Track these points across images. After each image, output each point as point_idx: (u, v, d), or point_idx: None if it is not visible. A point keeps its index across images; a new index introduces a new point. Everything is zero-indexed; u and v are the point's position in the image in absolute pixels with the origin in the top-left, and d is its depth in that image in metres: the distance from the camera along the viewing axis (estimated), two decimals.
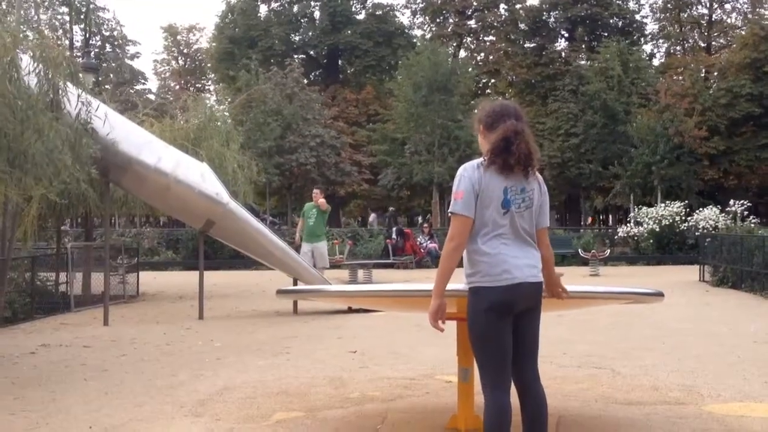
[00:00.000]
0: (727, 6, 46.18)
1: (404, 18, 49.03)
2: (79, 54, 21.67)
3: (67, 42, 28.53)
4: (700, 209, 24.12)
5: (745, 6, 45.83)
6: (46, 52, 8.21)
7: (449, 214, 3.62)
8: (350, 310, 11.19)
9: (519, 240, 3.59)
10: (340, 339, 8.96)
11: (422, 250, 24.05)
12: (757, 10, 45.04)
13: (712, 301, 13.03)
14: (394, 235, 24.16)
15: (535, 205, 3.64)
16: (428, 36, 45.74)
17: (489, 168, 3.54)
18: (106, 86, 31.41)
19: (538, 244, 3.68)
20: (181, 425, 5.10)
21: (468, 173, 3.56)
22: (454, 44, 45.87)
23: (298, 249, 13.28)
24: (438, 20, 47.54)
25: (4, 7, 9.33)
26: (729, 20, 46.75)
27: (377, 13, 45.93)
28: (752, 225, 19.53)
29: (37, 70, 7.95)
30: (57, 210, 12.62)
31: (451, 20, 46.98)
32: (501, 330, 3.52)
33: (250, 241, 11.59)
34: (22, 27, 8.75)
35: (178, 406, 5.60)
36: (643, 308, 10.28)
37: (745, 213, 21.16)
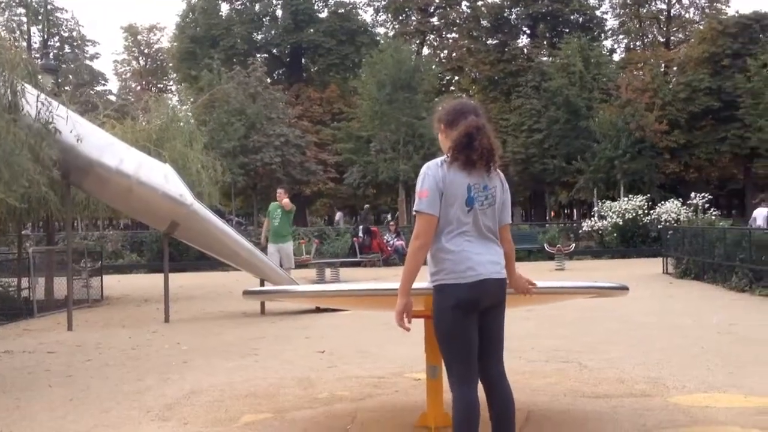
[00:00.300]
0: (685, 1, 46.95)
1: (367, 16, 49.15)
2: (37, 55, 21.34)
3: (24, 43, 28.07)
4: (662, 202, 24.44)
5: (703, 1, 46.61)
6: (3, 54, 8.06)
7: (414, 213, 3.63)
8: (318, 310, 11.15)
9: (482, 237, 3.60)
10: (308, 339, 8.93)
11: (389, 248, 24.07)
12: (715, 4, 45.83)
13: (675, 293, 13.22)
14: (360, 234, 24.15)
15: (498, 202, 3.67)
16: (391, 34, 45.81)
17: (452, 165, 3.55)
18: (66, 88, 30.95)
19: (500, 240, 3.71)
20: (148, 430, 5.04)
21: (432, 171, 3.56)
22: (417, 42, 45.99)
23: (264, 250, 13.20)
24: (401, 18, 47.64)
25: None
26: (687, 15, 47.55)
27: (340, 11, 45.86)
28: (713, 217, 19.88)
29: None
30: (17, 214, 12.40)
31: (413, 17, 47.11)
32: (467, 327, 3.53)
33: (216, 242, 11.49)
34: None
35: (144, 411, 5.53)
36: (609, 302, 10.41)
37: (706, 205, 21.51)
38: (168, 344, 8.86)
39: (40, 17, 39.14)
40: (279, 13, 45.45)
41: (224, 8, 46.42)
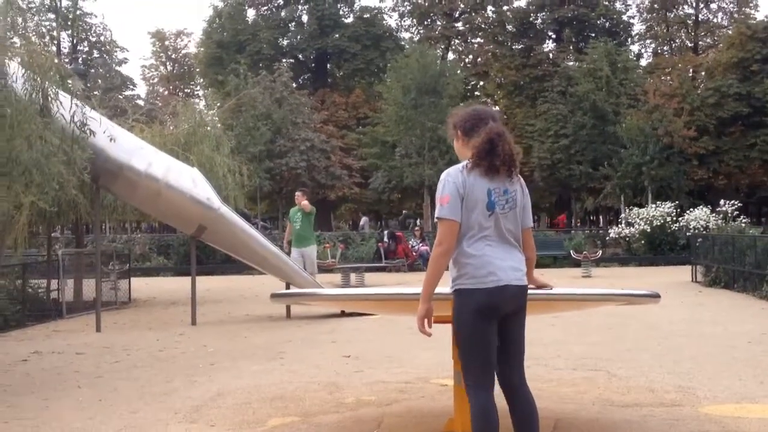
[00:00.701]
0: (713, 5, 46.47)
1: (392, 21, 49.01)
2: (66, 60, 21.59)
3: (54, 48, 28.42)
4: (691, 209, 24.17)
5: (731, 5, 46.11)
6: (34, 58, 8.17)
7: (435, 220, 3.63)
8: (343, 314, 11.15)
9: (503, 242, 3.61)
10: (334, 343, 8.93)
11: (414, 253, 24.04)
12: (743, 9, 45.32)
13: (705, 301, 13.07)
14: (386, 239, 24.14)
15: (519, 206, 3.67)
16: (416, 38, 45.79)
17: (473, 171, 3.57)
18: (95, 92, 31.34)
19: (523, 245, 3.72)
20: (176, 431, 5.07)
21: (452, 177, 3.58)
22: (442, 46, 45.95)
23: (288, 254, 13.17)
24: (426, 23, 47.63)
25: None
26: (715, 20, 47.04)
27: (365, 16, 45.96)
28: (743, 225, 19.62)
29: (25, 77, 7.91)
30: (47, 217, 12.56)
31: (438, 23, 47.09)
32: (486, 331, 3.53)
33: (242, 245, 11.54)
34: (8, 33, 8.70)
35: (172, 413, 5.56)
36: (636, 309, 10.30)
37: (736, 213, 21.24)
38: (195, 347, 8.91)
39: (69, 22, 39.62)
40: (305, 18, 45.65)
41: (250, 14, 46.73)
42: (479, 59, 46.72)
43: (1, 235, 10.75)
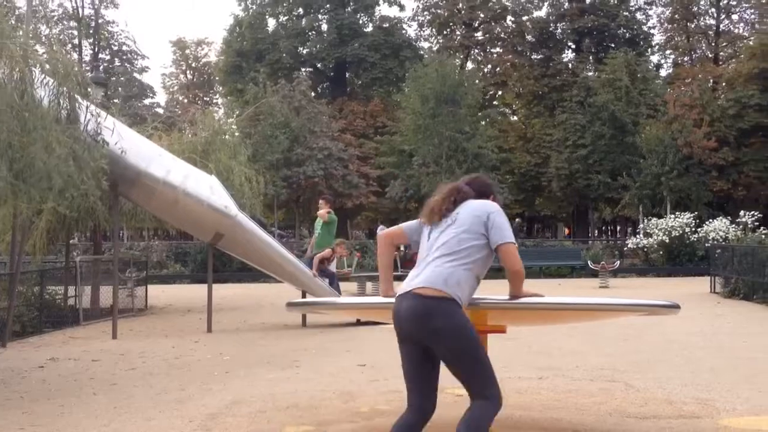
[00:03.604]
0: (735, 16, 46.16)
1: (411, 30, 48.98)
2: (87, 68, 21.79)
3: (76, 56, 28.69)
4: (710, 220, 23.98)
5: (753, 16, 45.77)
6: (59, 66, 8.22)
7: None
8: (359, 323, 11.13)
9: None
10: (349, 352, 8.91)
11: None
12: (765, 20, 44.96)
13: (724, 312, 12.93)
14: (402, 247, 24.08)
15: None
16: (435, 48, 45.79)
17: None
18: (115, 100, 31.54)
19: None
20: None
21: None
22: (462, 56, 45.89)
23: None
24: (445, 32, 47.61)
25: (14, 22, 9.34)
26: (736, 30, 46.70)
27: (384, 25, 46.03)
28: (763, 236, 19.41)
29: (47, 83, 7.97)
30: (66, 223, 12.63)
31: (458, 32, 47.05)
32: None
33: (259, 253, 11.55)
34: (31, 41, 8.77)
35: (187, 420, 5.56)
36: (654, 320, 10.21)
37: (756, 224, 21.02)
38: (210, 354, 8.91)
39: (91, 31, 40.04)
40: (324, 27, 45.78)
41: (271, 23, 46.89)
42: (498, 69, 46.62)
43: (21, 241, 10.82)
